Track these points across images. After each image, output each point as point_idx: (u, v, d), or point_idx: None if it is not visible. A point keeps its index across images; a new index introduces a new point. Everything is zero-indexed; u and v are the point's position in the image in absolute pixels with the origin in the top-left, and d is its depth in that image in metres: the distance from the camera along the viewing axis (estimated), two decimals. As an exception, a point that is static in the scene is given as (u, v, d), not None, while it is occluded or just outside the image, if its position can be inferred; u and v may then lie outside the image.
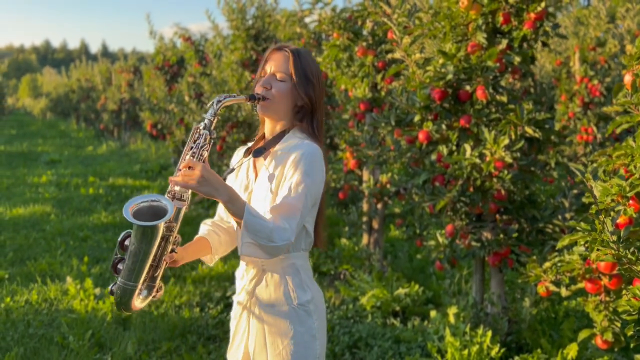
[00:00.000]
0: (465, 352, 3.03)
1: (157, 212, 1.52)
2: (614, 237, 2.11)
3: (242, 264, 1.79)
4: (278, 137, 1.75)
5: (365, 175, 4.77)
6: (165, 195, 1.57)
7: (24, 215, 6.90)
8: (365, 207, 4.81)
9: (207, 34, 8.27)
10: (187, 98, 7.07)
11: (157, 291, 1.69)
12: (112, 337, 3.52)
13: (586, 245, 2.45)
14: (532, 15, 3.11)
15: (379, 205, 4.69)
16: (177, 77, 9.00)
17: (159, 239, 1.54)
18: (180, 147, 8.10)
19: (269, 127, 1.78)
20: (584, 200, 2.55)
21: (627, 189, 2.26)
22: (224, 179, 1.64)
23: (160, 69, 9.21)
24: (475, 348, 3.01)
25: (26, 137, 17.61)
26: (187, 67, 8.37)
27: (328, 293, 4.29)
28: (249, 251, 1.57)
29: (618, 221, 2.29)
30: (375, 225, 4.79)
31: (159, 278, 1.67)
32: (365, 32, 4.39)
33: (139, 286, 1.59)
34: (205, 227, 1.87)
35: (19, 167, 10.98)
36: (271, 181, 1.70)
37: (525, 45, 3.28)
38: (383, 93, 4.25)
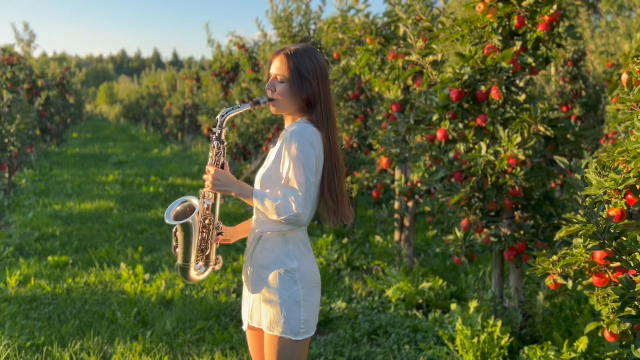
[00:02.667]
0: (475, 340, 3.17)
1: (190, 210, 1.98)
2: (596, 228, 2.23)
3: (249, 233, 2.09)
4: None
5: (397, 174, 4.95)
6: (199, 196, 1.98)
7: (91, 209, 7.54)
8: (396, 205, 4.99)
9: (260, 42, 8.68)
10: (237, 102, 7.48)
11: (216, 263, 2.06)
12: (154, 315, 3.90)
13: (580, 236, 2.56)
14: (546, 17, 3.22)
15: (410, 203, 4.85)
16: (232, 83, 9.48)
17: (196, 230, 1.95)
18: (233, 149, 8.56)
19: (287, 121, 2.06)
20: (582, 193, 2.64)
21: (620, 181, 2.37)
22: (254, 171, 2.00)
23: (217, 75, 9.73)
24: (484, 336, 3.14)
25: (99, 141, 18.85)
26: (241, 73, 8.82)
27: (356, 285, 4.51)
28: (265, 227, 1.94)
29: (610, 213, 2.40)
30: (406, 222, 4.96)
31: (212, 255, 2.04)
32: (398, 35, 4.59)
33: (192, 264, 1.99)
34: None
35: (90, 168, 11.86)
36: (270, 159, 1.98)
37: (542, 46, 3.39)
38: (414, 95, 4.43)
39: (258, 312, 1.98)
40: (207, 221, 1.97)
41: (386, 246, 5.04)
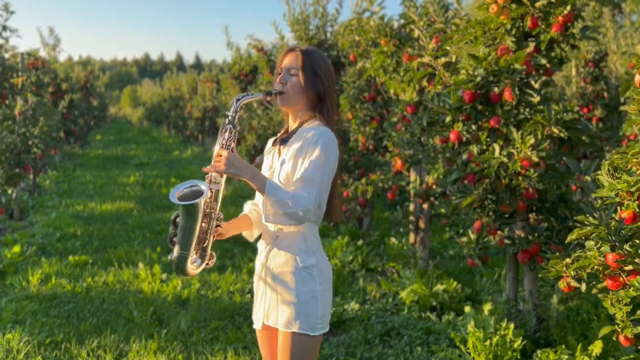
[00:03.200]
0: (487, 342, 3.15)
1: (197, 194, 1.90)
2: (607, 230, 2.20)
3: (263, 233, 2.10)
4: (298, 127, 2.05)
5: (413, 175, 4.95)
6: (205, 181, 1.94)
7: (111, 210, 7.68)
8: (411, 207, 4.98)
9: (278, 44, 8.74)
10: (255, 105, 7.55)
11: (210, 259, 2.01)
12: (170, 315, 3.96)
13: (592, 239, 2.54)
14: (560, 18, 3.20)
15: (425, 205, 4.84)
16: (250, 86, 9.56)
17: (201, 215, 1.89)
18: (251, 151, 8.62)
19: (291, 119, 2.09)
20: (593, 195, 2.61)
21: (632, 183, 2.34)
22: (257, 165, 2.00)
23: (236, 78, 9.83)
24: (496, 339, 3.12)
25: (122, 143, 19.15)
26: (260, 75, 8.89)
27: (370, 287, 4.51)
28: (274, 219, 1.88)
29: (622, 215, 2.37)
30: (421, 224, 4.95)
31: (209, 248, 1.99)
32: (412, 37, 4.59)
33: (191, 254, 1.93)
34: (247, 206, 2.21)
35: (112, 169, 12.06)
36: (288, 158, 1.99)
37: (556, 48, 3.36)
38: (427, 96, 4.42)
39: (275, 311, 1.99)
40: (209, 209, 1.93)
41: (401, 248, 5.04)
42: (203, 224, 1.93)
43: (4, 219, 6.90)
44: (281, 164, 2.03)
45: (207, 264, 2.01)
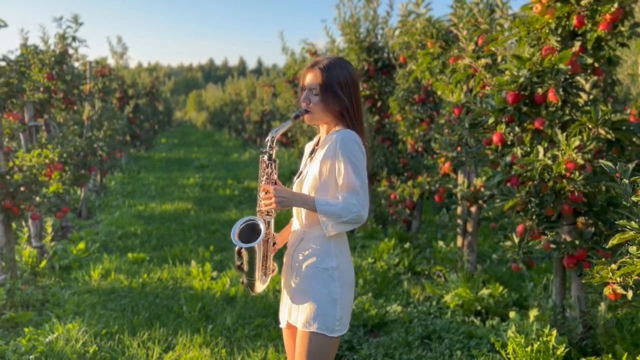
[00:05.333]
0: (529, 348, 3.09)
1: (254, 229, 2.08)
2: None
3: (290, 234, 2.20)
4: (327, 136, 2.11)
5: (460, 178, 4.89)
6: (257, 215, 2.09)
7: (170, 210, 8.02)
8: (459, 210, 4.92)
9: (329, 48, 8.82)
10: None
11: (272, 271, 2.17)
12: (217, 311, 4.12)
13: (636, 244, 2.45)
14: (608, 16, 3.09)
15: (473, 209, 4.77)
16: (305, 89, 9.69)
17: (260, 249, 2.07)
18: (303, 152, 8.76)
19: (321, 130, 2.18)
20: (634, 198, 2.52)
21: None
22: (298, 175, 2.16)
23: (290, 82, 10.00)
24: (537, 345, 3.05)
25: (185, 146, 19.86)
26: (313, 79, 9.00)
27: (414, 290, 4.50)
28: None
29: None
30: (469, 228, 4.88)
31: (270, 264, 2.15)
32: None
33: (257, 278, 2.12)
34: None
35: (174, 171, 12.55)
36: (314, 163, 2.07)
37: (605, 46, 3.25)
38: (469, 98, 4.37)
39: (296, 310, 2.07)
40: (266, 237, 2.08)
41: (448, 252, 4.98)
42: (263, 249, 2.10)
43: (73, 217, 7.36)
44: (308, 171, 2.11)
45: (271, 275, 2.18)
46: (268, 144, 2.06)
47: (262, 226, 2.04)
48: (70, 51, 6.42)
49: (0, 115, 4.53)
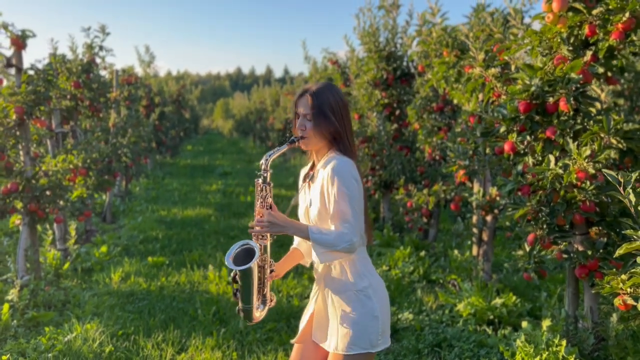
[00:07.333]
0: (538, 358, 3.07)
1: (250, 253, 2.06)
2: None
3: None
4: (320, 161, 2.16)
5: (476, 187, 4.88)
6: (252, 239, 2.08)
7: (191, 216, 8.16)
8: (474, 219, 4.91)
9: (352, 57, 8.89)
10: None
11: (271, 301, 2.17)
12: (231, 315, 4.19)
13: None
14: (620, 25, 3.08)
15: (488, 218, 4.76)
16: (326, 97, 9.76)
17: (256, 272, 2.05)
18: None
19: (315, 155, 2.20)
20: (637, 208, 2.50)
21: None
22: (295, 205, 2.19)
23: (312, 90, 10.09)
24: (545, 355, 3.03)
25: (210, 153, 20.15)
26: (334, 87, 9.07)
27: (427, 298, 4.50)
28: (326, 259, 2.03)
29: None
30: (484, 237, 4.86)
31: (268, 293, 2.14)
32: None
33: (254, 305, 2.09)
34: (296, 239, 2.34)
35: (198, 178, 12.76)
36: (314, 197, 2.11)
37: (617, 55, 3.23)
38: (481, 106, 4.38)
39: (335, 336, 2.07)
40: (261, 262, 2.08)
41: (463, 261, 4.97)
42: (259, 276, 2.08)
43: (97, 221, 7.55)
44: (311, 203, 2.14)
45: (269, 306, 2.16)
46: (262, 167, 2.07)
47: (256, 249, 2.02)
48: (98, 60, 6.63)
49: (29, 122, 4.71)
